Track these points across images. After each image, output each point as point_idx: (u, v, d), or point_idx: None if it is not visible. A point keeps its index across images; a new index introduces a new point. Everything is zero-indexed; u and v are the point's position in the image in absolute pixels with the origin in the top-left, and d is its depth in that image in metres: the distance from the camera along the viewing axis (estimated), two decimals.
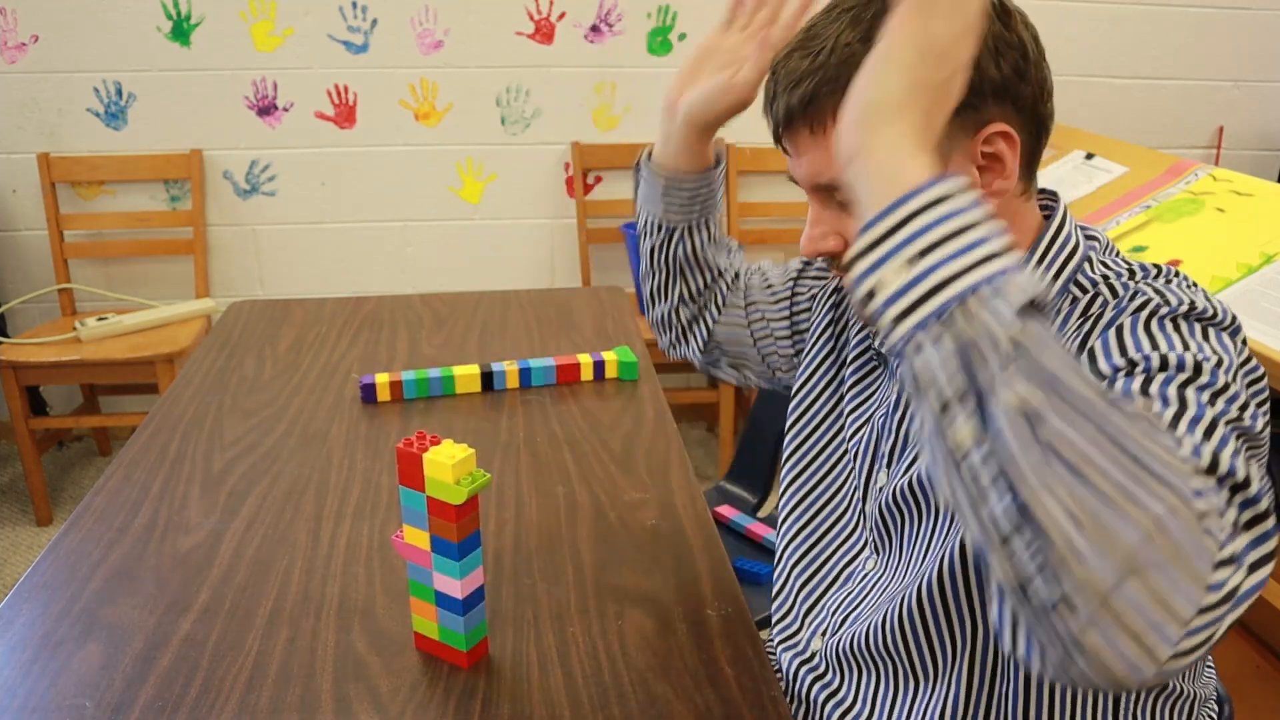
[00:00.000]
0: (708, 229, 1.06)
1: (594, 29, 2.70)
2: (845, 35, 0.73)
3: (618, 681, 0.84)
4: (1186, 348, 0.64)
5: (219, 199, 2.74)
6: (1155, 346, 0.65)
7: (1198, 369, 0.62)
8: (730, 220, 2.80)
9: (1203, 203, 2.01)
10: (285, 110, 2.69)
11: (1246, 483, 0.55)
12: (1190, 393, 0.60)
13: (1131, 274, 0.76)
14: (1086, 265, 0.78)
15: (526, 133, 2.77)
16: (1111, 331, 0.68)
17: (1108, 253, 0.80)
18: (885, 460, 0.88)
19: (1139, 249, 1.95)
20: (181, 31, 2.60)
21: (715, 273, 1.09)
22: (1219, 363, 0.63)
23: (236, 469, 1.21)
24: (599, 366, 1.44)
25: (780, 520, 1.03)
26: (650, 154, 1.05)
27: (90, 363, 2.42)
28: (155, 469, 1.21)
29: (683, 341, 1.14)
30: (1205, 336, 0.67)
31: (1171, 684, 0.81)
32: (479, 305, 1.79)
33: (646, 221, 1.07)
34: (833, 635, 0.93)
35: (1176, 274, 0.76)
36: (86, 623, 0.92)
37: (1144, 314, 0.68)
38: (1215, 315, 0.69)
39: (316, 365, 1.52)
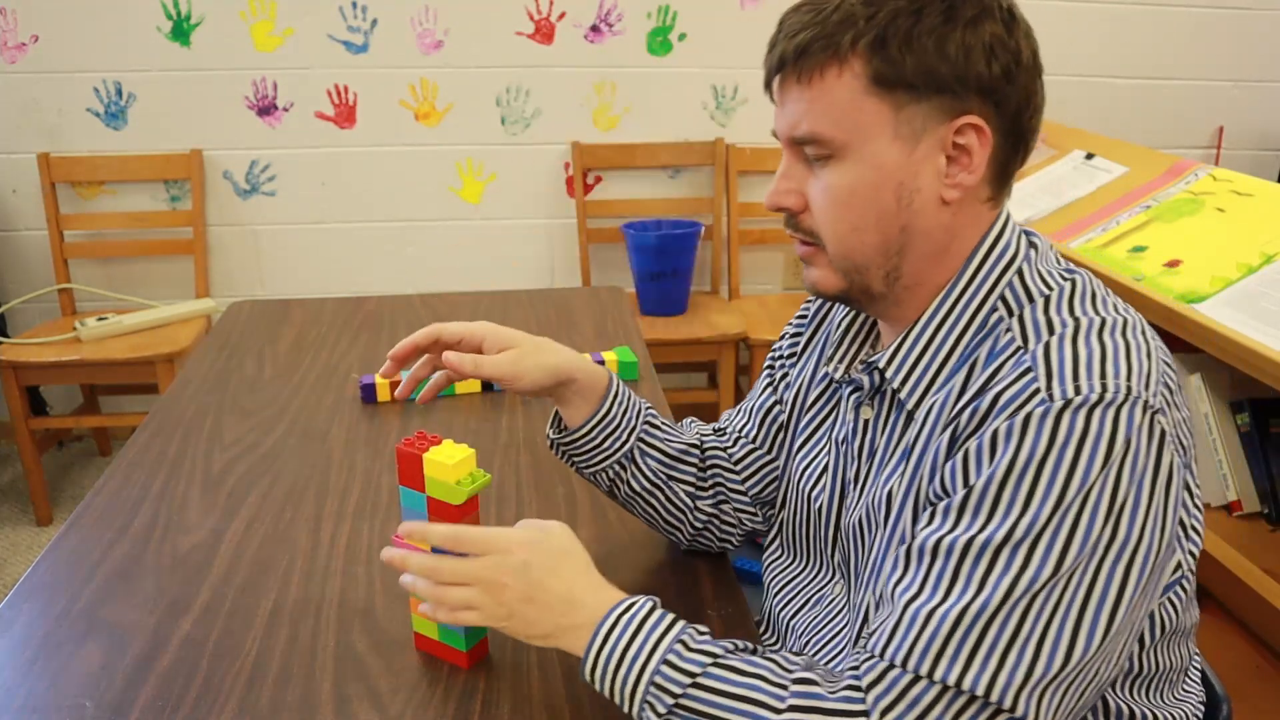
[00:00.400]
0: (652, 424, 1.01)
1: (594, 29, 2.70)
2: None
3: None
4: (1038, 475, 0.67)
5: (219, 199, 2.74)
6: (1009, 469, 0.68)
7: (1024, 511, 0.67)
8: (730, 220, 2.80)
9: (1203, 203, 2.01)
10: (285, 110, 2.69)
11: (986, 699, 0.66)
12: (998, 567, 0.67)
13: (1046, 302, 0.76)
14: (1018, 278, 0.79)
15: (526, 133, 2.77)
16: (987, 437, 0.70)
17: (1044, 261, 0.80)
18: (854, 483, 0.88)
19: (1139, 249, 1.95)
20: (181, 31, 2.60)
21: (692, 445, 1.03)
22: (1061, 496, 0.66)
23: (236, 469, 1.21)
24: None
25: (767, 542, 1.03)
26: (555, 437, 1.01)
27: (90, 363, 2.42)
28: (155, 469, 1.21)
29: (737, 524, 1.04)
30: (1080, 439, 0.67)
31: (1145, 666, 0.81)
32: (479, 305, 1.79)
33: (608, 480, 1.00)
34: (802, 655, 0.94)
35: (1094, 297, 0.76)
36: (86, 623, 0.92)
37: (1020, 416, 0.69)
38: (1101, 398, 0.67)
39: (316, 365, 1.52)
